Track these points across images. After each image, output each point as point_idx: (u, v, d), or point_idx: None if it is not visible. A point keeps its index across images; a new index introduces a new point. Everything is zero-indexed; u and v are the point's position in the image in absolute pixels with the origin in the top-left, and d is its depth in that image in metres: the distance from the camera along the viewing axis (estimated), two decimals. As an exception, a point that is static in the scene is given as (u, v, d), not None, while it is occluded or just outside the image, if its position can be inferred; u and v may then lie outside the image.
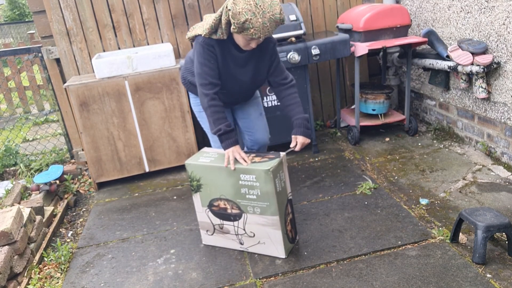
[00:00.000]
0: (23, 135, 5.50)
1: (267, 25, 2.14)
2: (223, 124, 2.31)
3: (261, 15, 2.11)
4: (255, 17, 2.10)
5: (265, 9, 2.11)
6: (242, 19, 2.11)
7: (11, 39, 14.19)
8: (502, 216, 2.24)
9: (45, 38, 3.88)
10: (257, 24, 2.11)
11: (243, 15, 2.10)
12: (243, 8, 2.10)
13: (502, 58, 3.06)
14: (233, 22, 2.13)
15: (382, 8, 3.58)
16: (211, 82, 2.32)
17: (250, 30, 2.14)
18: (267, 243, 2.44)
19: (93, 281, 2.49)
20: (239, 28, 2.15)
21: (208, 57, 2.30)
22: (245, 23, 2.12)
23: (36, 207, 3.06)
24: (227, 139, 2.33)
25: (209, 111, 2.32)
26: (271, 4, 2.14)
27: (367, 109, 3.98)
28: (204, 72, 2.31)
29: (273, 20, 2.15)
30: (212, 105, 2.31)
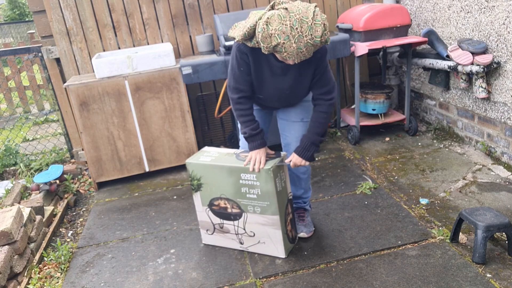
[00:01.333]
0: (23, 134, 5.50)
1: (302, 50, 1.90)
2: (249, 128, 2.30)
3: (296, 39, 1.87)
4: (289, 41, 1.87)
5: (302, 32, 1.86)
6: (273, 43, 1.91)
7: (11, 38, 14.18)
8: (502, 216, 2.24)
9: (45, 37, 3.88)
10: (290, 49, 1.89)
11: (275, 38, 1.89)
12: (277, 30, 1.87)
13: (502, 58, 3.06)
14: (262, 46, 1.96)
15: (382, 8, 3.58)
16: (236, 87, 2.27)
17: (283, 54, 1.94)
18: (267, 242, 2.44)
19: (93, 280, 2.49)
20: (270, 50, 1.97)
21: (239, 62, 2.21)
22: (277, 47, 1.92)
23: (36, 207, 3.06)
24: (252, 141, 2.32)
25: (235, 114, 2.34)
26: (312, 26, 1.87)
27: (367, 108, 3.98)
28: (231, 75, 2.28)
29: (311, 45, 1.90)
30: (237, 108, 2.31)
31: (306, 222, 2.67)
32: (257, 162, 2.27)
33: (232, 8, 4.03)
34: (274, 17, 1.89)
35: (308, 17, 1.87)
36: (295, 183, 2.61)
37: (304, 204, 2.71)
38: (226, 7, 4.02)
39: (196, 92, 4.14)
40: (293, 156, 2.33)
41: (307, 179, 2.61)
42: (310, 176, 2.64)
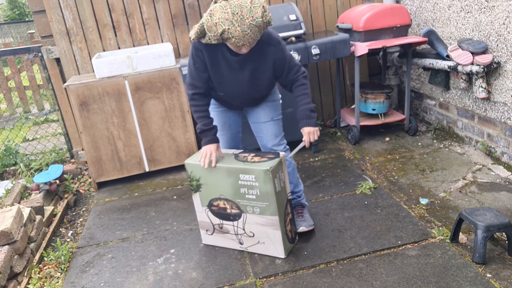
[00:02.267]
0: (23, 134, 5.50)
1: (247, 32, 2.04)
2: (201, 123, 2.40)
3: (239, 23, 2.01)
4: (232, 26, 2.01)
5: (243, 15, 2.01)
6: (219, 30, 2.04)
7: (11, 38, 14.18)
8: (502, 216, 2.24)
9: (45, 37, 3.88)
10: (236, 33, 2.03)
11: (220, 26, 2.03)
12: (220, 18, 2.02)
13: (502, 57, 3.06)
14: (209, 35, 2.09)
15: (382, 8, 3.58)
16: (192, 83, 2.37)
17: (232, 40, 2.07)
18: (267, 243, 2.44)
19: (93, 280, 2.49)
20: (219, 39, 2.09)
21: (194, 60, 2.33)
22: (223, 34, 2.05)
23: (36, 206, 3.06)
24: (204, 137, 2.42)
25: (191, 110, 2.43)
26: (251, 9, 2.02)
27: (367, 108, 3.98)
28: (190, 72, 2.38)
29: (255, 26, 2.04)
30: (192, 104, 2.40)
31: (305, 217, 2.68)
32: (207, 157, 2.38)
33: (232, 8, 4.02)
34: (216, 8, 2.05)
35: (246, 2, 2.03)
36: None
37: (299, 199, 2.72)
38: (226, 7, 4.01)
39: (196, 92, 4.14)
40: (305, 130, 2.39)
41: (293, 172, 2.64)
42: (295, 169, 2.68)
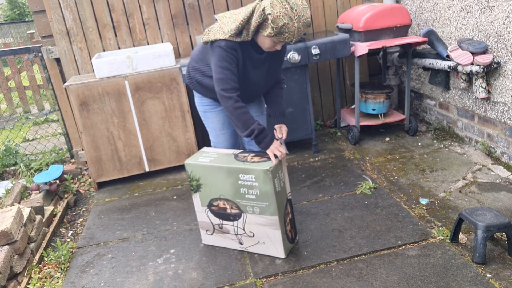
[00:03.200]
0: (23, 134, 5.50)
1: (301, 29, 2.14)
2: (255, 124, 2.27)
3: (296, 19, 2.10)
4: (291, 21, 2.09)
5: (299, 13, 2.10)
6: (280, 24, 2.09)
7: (11, 38, 14.18)
8: (502, 216, 2.24)
9: (45, 37, 3.88)
10: (292, 28, 2.11)
11: (281, 20, 2.08)
12: (281, 12, 2.07)
13: (502, 58, 3.06)
14: (272, 27, 2.11)
15: (382, 8, 3.58)
16: (233, 86, 2.26)
17: (285, 35, 2.13)
18: (267, 243, 2.44)
19: (93, 280, 2.49)
20: (276, 33, 2.13)
21: (230, 61, 2.24)
22: (282, 28, 2.10)
23: (36, 206, 3.06)
24: (264, 137, 2.30)
25: (235, 114, 2.26)
26: (303, 8, 2.12)
27: (367, 108, 3.98)
28: (226, 76, 2.24)
29: (305, 24, 2.14)
30: (238, 107, 2.25)
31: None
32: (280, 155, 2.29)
33: (232, 7, 4.03)
34: (274, 2, 2.09)
35: (298, 1, 2.12)
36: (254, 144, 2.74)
37: None
38: (226, 7, 4.02)
39: (196, 92, 4.14)
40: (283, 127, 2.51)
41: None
42: None
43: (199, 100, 2.65)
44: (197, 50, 2.55)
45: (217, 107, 2.59)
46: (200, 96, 2.63)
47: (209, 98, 2.57)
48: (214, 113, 2.60)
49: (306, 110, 3.73)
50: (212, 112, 2.60)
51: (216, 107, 2.59)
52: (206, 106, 2.61)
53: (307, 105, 3.72)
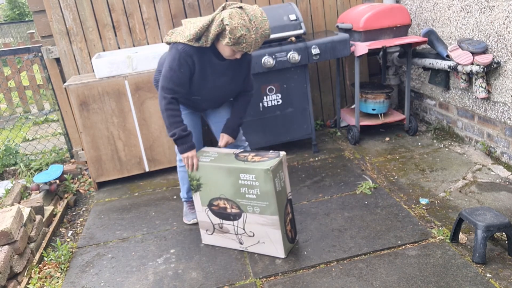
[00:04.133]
0: (23, 134, 5.50)
1: (258, 40, 2.22)
2: (179, 129, 2.37)
3: (254, 31, 2.18)
4: (249, 32, 2.17)
5: (257, 25, 2.18)
6: (237, 35, 2.17)
7: (11, 38, 14.18)
8: (502, 215, 2.24)
9: (45, 37, 3.88)
10: (250, 39, 2.19)
11: (238, 31, 2.16)
12: (239, 24, 2.15)
13: (502, 57, 3.06)
14: (229, 37, 2.18)
15: (382, 8, 3.58)
16: (172, 88, 2.36)
17: (242, 45, 2.21)
18: (267, 242, 2.44)
19: (93, 280, 2.49)
20: (233, 43, 2.20)
21: (180, 65, 2.33)
22: (239, 38, 2.18)
23: (36, 206, 3.05)
24: (182, 143, 2.40)
25: (165, 114, 2.37)
26: (262, 20, 2.20)
27: (367, 108, 3.98)
28: (170, 76, 2.35)
29: (264, 36, 2.23)
30: (169, 108, 2.35)
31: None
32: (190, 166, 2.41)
33: (232, 8, 4.02)
34: (233, 13, 2.17)
35: (257, 14, 2.20)
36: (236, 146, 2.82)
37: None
38: (226, 7, 4.02)
39: (196, 92, 4.14)
40: (224, 137, 2.62)
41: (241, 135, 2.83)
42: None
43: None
44: (163, 55, 2.66)
45: (185, 110, 2.64)
46: None
47: None
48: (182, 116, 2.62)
49: (306, 110, 3.73)
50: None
51: (183, 110, 2.64)
52: None
53: (307, 105, 3.72)
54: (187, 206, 2.97)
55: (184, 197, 2.95)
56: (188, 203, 2.97)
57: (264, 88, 3.59)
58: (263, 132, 3.70)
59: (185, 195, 2.93)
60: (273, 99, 3.65)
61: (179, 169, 2.85)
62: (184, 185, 2.89)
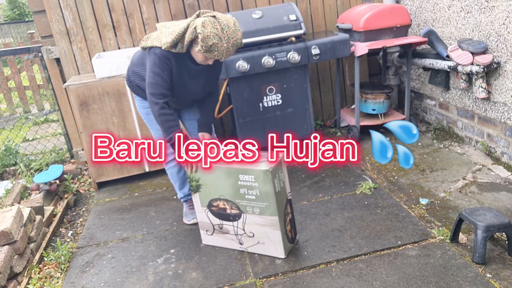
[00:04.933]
0: (23, 134, 5.50)
1: (230, 49, 2.30)
2: (175, 132, 2.41)
3: (226, 40, 2.25)
4: (221, 41, 2.24)
5: (229, 34, 2.26)
6: (209, 43, 2.24)
7: (11, 38, 14.17)
8: (502, 216, 2.24)
9: (45, 37, 3.88)
10: (222, 48, 2.26)
11: (210, 39, 2.22)
12: (211, 32, 2.22)
13: (502, 58, 3.06)
14: (201, 45, 2.25)
15: (382, 8, 3.58)
16: (162, 92, 2.39)
17: (214, 53, 2.28)
18: (267, 243, 2.44)
19: (93, 280, 2.49)
20: (205, 51, 2.27)
21: (163, 68, 2.37)
22: (211, 47, 2.25)
23: (36, 206, 3.06)
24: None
25: (159, 119, 2.40)
26: (234, 30, 2.27)
27: (367, 108, 3.98)
28: (156, 82, 2.37)
29: (235, 45, 2.31)
30: (163, 113, 2.39)
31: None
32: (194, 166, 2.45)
33: (232, 8, 4.03)
34: (206, 22, 2.24)
35: (230, 23, 2.27)
36: None
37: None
38: (226, 7, 4.02)
39: (196, 92, 4.14)
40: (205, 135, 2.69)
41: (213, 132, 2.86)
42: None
43: (139, 103, 2.75)
44: (137, 54, 2.68)
45: None
46: (140, 99, 2.73)
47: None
48: None
49: (306, 110, 3.73)
50: None
51: None
52: (147, 108, 2.69)
53: (307, 105, 3.72)
54: (186, 206, 2.98)
55: (181, 196, 2.96)
56: (188, 202, 2.97)
57: (264, 88, 3.59)
58: (263, 132, 3.69)
59: (181, 193, 2.94)
60: (273, 99, 3.65)
61: (167, 167, 2.87)
62: (176, 182, 2.90)
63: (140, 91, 2.67)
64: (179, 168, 2.83)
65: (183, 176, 2.87)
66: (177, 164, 2.81)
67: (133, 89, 2.71)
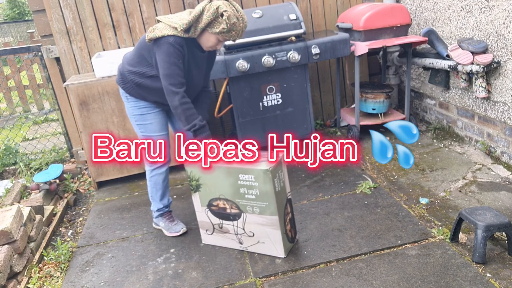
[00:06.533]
0: (23, 134, 5.49)
1: (243, 30, 2.38)
2: (197, 119, 2.40)
3: (241, 20, 2.34)
4: (238, 21, 2.32)
5: (242, 16, 2.35)
6: (232, 21, 2.30)
7: (10, 38, 14.16)
8: (502, 215, 2.24)
9: (45, 37, 3.88)
10: (239, 28, 2.34)
11: (232, 18, 2.29)
12: (231, 12, 2.30)
13: (502, 57, 3.06)
14: (226, 23, 2.29)
15: (382, 7, 3.58)
16: (181, 81, 2.37)
17: (232, 32, 2.34)
18: (267, 242, 2.44)
19: (93, 280, 2.49)
20: (228, 29, 2.31)
21: (178, 57, 2.35)
22: (233, 25, 2.31)
23: (36, 206, 3.05)
24: (202, 132, 2.43)
25: (180, 108, 2.37)
26: (242, 13, 2.36)
27: (367, 108, 3.98)
28: (174, 72, 2.35)
29: (245, 27, 2.38)
30: (184, 102, 2.37)
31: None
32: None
33: (232, 7, 4.02)
34: (225, 3, 2.31)
35: (239, 7, 2.35)
36: None
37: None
38: (226, 6, 4.01)
39: (196, 91, 4.14)
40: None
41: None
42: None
43: (134, 104, 2.62)
44: (130, 54, 2.61)
45: (155, 109, 2.63)
46: (135, 99, 2.60)
47: (146, 101, 2.59)
48: (153, 114, 2.63)
49: (306, 110, 3.73)
50: (151, 113, 2.62)
51: (154, 109, 2.62)
52: (144, 108, 2.61)
53: (307, 105, 3.72)
54: (165, 220, 2.82)
55: (159, 207, 2.80)
56: (165, 215, 2.83)
57: (264, 87, 3.59)
58: (263, 132, 3.70)
59: (160, 204, 2.79)
60: (273, 98, 3.65)
61: (151, 174, 2.72)
62: (158, 191, 2.75)
63: (138, 90, 2.56)
64: (165, 176, 2.72)
65: (167, 184, 2.77)
66: (164, 172, 2.71)
67: (130, 90, 2.58)
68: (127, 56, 2.64)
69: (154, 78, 2.49)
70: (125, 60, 2.63)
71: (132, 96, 2.62)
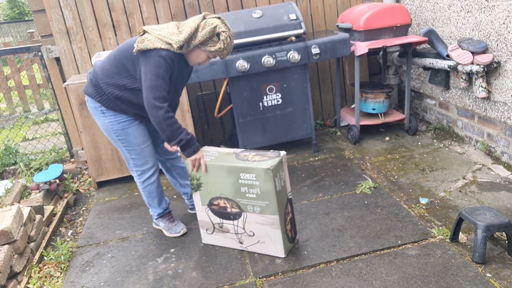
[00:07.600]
0: (23, 134, 5.49)
1: (231, 48, 2.40)
2: (183, 133, 2.33)
3: (232, 39, 2.38)
4: (231, 40, 2.36)
5: (232, 34, 2.38)
6: (227, 41, 2.34)
7: (10, 38, 14.17)
8: (502, 215, 2.24)
9: (45, 37, 3.88)
10: (230, 46, 2.37)
11: (228, 38, 2.33)
12: (228, 33, 2.33)
13: (502, 57, 3.06)
14: (224, 42, 2.32)
15: (382, 7, 3.58)
16: (164, 96, 2.27)
17: (225, 51, 2.37)
18: (267, 242, 2.44)
19: (93, 280, 2.49)
20: (224, 48, 2.34)
21: (166, 71, 2.28)
22: (227, 45, 2.35)
23: (36, 206, 3.05)
24: (189, 147, 2.36)
25: (165, 124, 2.26)
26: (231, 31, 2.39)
27: (367, 108, 3.98)
28: (160, 85, 2.24)
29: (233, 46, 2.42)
30: (167, 117, 2.26)
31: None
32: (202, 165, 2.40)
33: (232, 7, 4.03)
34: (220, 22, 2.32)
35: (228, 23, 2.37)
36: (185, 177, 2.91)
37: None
38: (226, 6, 4.02)
39: (196, 91, 4.14)
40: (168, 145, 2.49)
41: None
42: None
43: (112, 118, 2.48)
44: (105, 63, 2.43)
45: (135, 121, 2.52)
46: (113, 114, 2.47)
47: (126, 114, 2.48)
48: (135, 127, 2.53)
49: (306, 110, 3.73)
50: (132, 126, 2.52)
51: (134, 121, 2.51)
52: (124, 122, 2.49)
53: (307, 105, 3.72)
54: (166, 220, 2.82)
55: (159, 212, 2.80)
56: (166, 216, 2.83)
57: (264, 87, 3.59)
58: (263, 132, 3.70)
59: (159, 209, 2.79)
60: (273, 98, 3.65)
61: (144, 184, 2.70)
62: (155, 199, 2.74)
63: (118, 103, 2.42)
64: (157, 183, 2.71)
65: (161, 189, 2.76)
66: (156, 180, 2.69)
67: (107, 103, 2.43)
68: (100, 65, 2.45)
69: (135, 91, 2.38)
70: (98, 70, 2.44)
71: (110, 110, 2.46)
